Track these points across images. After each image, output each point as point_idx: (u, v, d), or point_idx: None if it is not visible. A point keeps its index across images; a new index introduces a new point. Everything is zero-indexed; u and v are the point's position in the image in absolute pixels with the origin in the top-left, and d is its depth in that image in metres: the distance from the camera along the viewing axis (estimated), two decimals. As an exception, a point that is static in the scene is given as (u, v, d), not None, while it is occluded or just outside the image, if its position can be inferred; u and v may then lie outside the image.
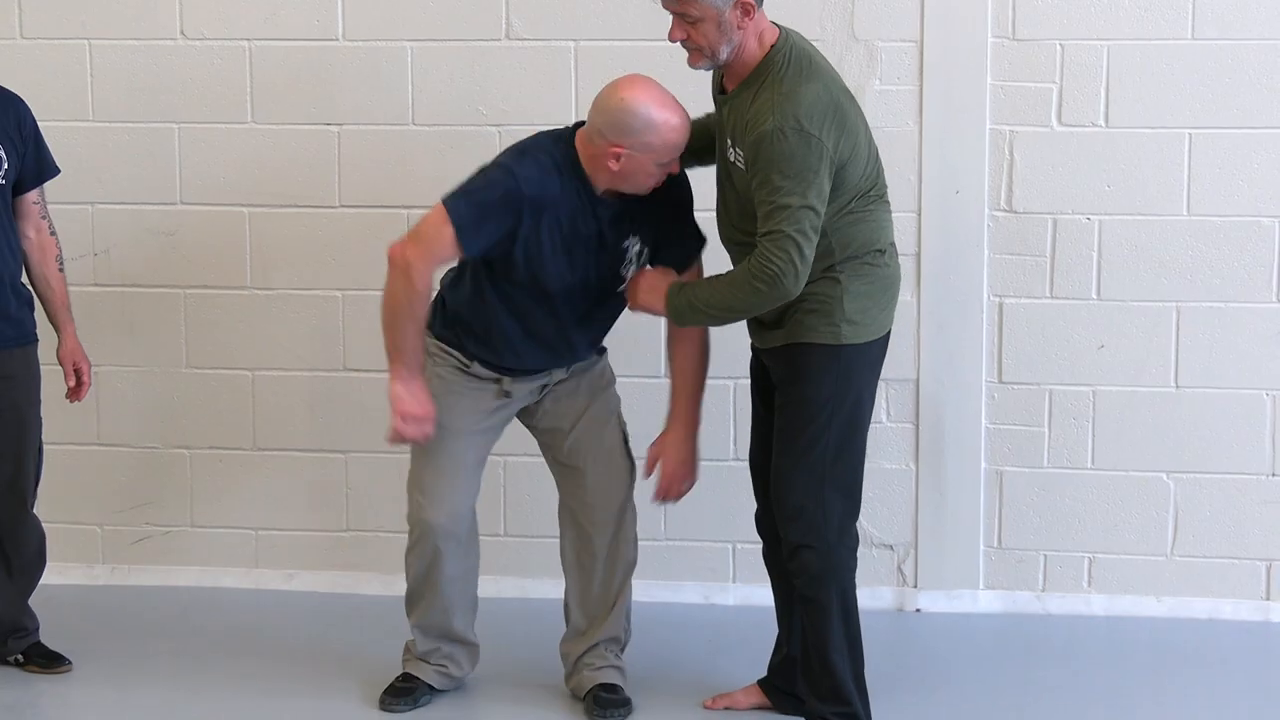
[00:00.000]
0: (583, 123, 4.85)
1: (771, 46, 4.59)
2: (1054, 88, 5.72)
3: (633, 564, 5.18)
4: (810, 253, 4.51)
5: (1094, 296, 5.79)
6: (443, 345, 5.02)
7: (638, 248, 4.90)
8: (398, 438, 4.93)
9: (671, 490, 5.08)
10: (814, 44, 4.74)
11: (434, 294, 4.97)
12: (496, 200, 4.77)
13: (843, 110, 4.57)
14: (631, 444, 5.18)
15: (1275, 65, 5.64)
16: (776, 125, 4.46)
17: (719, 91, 4.75)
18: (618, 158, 4.73)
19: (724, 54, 4.58)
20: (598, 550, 5.11)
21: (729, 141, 4.66)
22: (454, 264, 4.97)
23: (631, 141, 4.71)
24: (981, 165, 5.76)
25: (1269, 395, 5.77)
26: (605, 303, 4.99)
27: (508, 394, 5.03)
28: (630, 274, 4.93)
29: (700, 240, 4.99)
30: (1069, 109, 5.73)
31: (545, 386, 5.07)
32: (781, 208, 4.47)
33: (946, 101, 5.74)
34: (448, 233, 4.77)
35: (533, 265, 4.83)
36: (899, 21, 5.73)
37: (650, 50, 5.28)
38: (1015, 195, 5.77)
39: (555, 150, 4.84)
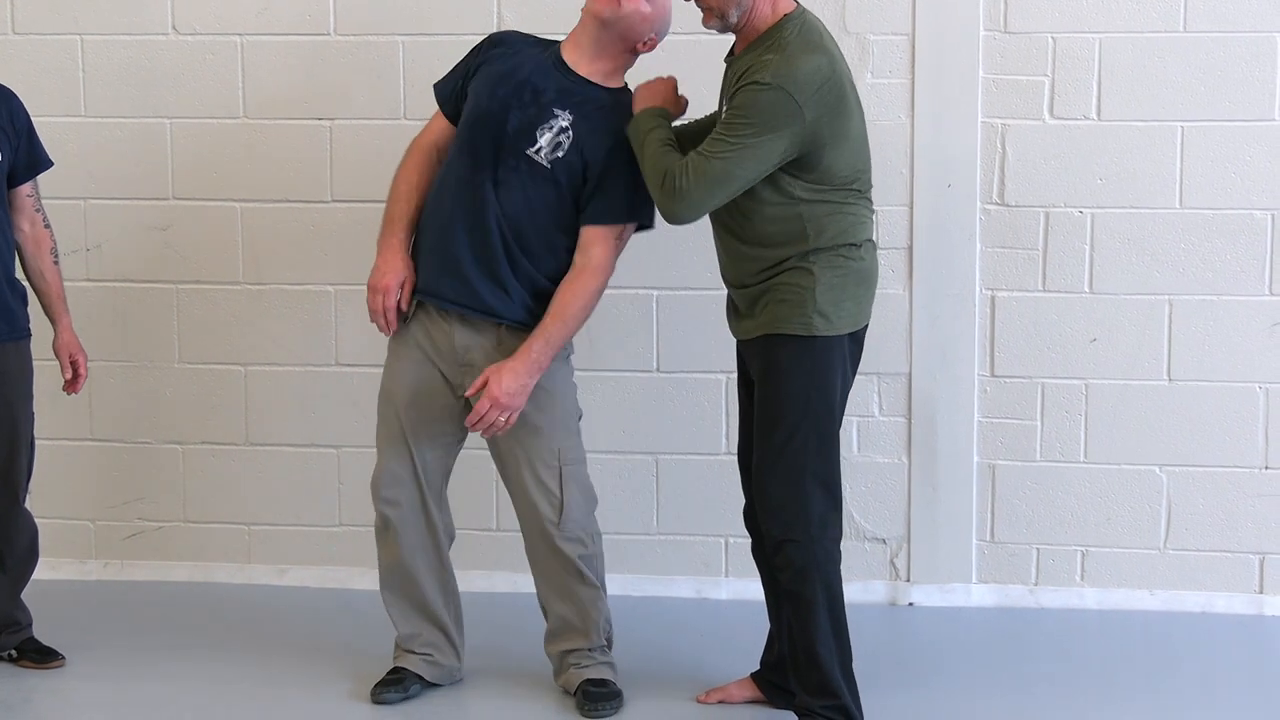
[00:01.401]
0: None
1: (785, 15, 4.61)
2: (1046, 81, 5.73)
3: (582, 575, 5.05)
4: (721, 199, 4.56)
5: (1086, 290, 5.79)
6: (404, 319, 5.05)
7: (565, 123, 4.87)
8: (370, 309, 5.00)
9: (485, 417, 4.83)
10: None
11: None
12: (468, 53, 5.08)
13: (842, 91, 4.57)
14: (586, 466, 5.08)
15: (1267, 58, 5.65)
16: (763, 80, 4.48)
17: (728, 54, 4.78)
18: None
19: (734, 16, 4.62)
20: (539, 562, 5.09)
21: (724, 102, 4.68)
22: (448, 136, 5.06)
23: None
24: (973, 158, 5.76)
25: (1261, 388, 5.78)
26: (516, 185, 4.87)
27: (410, 334, 4.99)
28: (543, 144, 4.86)
29: (619, 214, 4.90)
30: (1061, 102, 5.73)
31: (458, 360, 4.97)
32: (729, 143, 4.50)
33: (938, 94, 5.75)
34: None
35: (473, 93, 4.96)
36: (891, 14, 5.73)
37: (642, 43, 5.28)
38: (1007, 188, 5.77)
39: (541, 40, 5.06)
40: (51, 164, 5.36)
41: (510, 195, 4.88)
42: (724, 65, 4.79)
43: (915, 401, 5.88)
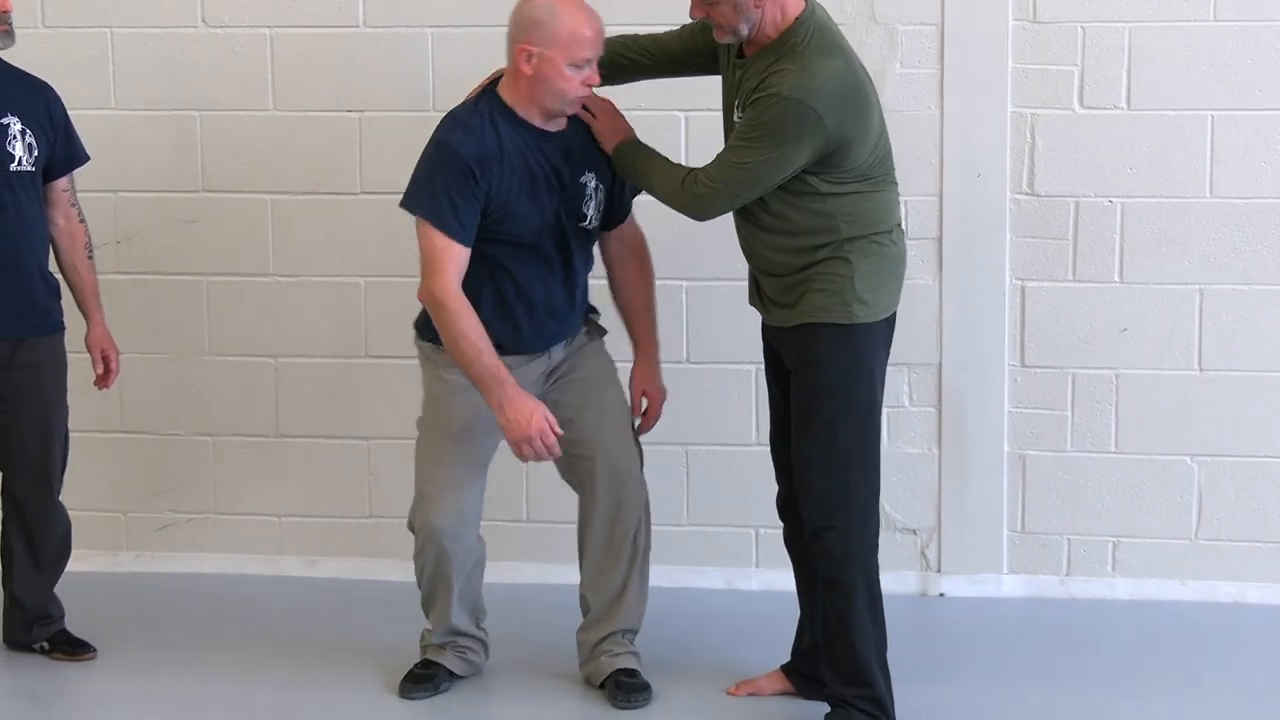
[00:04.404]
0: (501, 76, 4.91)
1: (796, 19, 4.59)
2: (1075, 70, 5.71)
3: (642, 550, 5.11)
4: (742, 203, 4.65)
5: (1116, 279, 5.78)
6: (438, 345, 4.92)
7: (594, 183, 4.90)
8: (529, 458, 4.85)
9: (655, 416, 5.16)
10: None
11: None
12: (449, 178, 4.74)
13: (861, 90, 4.58)
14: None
15: (1297, 46, 5.63)
16: (783, 94, 4.48)
17: (736, 55, 4.75)
18: (529, 58, 4.72)
19: (744, 30, 4.61)
20: (608, 536, 5.07)
21: (736, 104, 4.68)
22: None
23: (537, 36, 4.71)
24: (1003, 148, 5.75)
25: (1292, 377, 5.77)
26: (582, 249, 4.97)
27: None
28: (591, 212, 4.91)
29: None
30: (1090, 91, 5.71)
31: (549, 375, 5.02)
32: (750, 153, 4.54)
33: (968, 84, 5.73)
34: (436, 237, 4.75)
35: (504, 219, 4.81)
36: (920, 4, 5.72)
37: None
38: (1037, 178, 5.76)
39: (480, 106, 4.85)
40: (88, 158, 5.38)
41: (582, 257, 5.01)
42: (729, 58, 4.76)
43: (945, 392, 5.87)
